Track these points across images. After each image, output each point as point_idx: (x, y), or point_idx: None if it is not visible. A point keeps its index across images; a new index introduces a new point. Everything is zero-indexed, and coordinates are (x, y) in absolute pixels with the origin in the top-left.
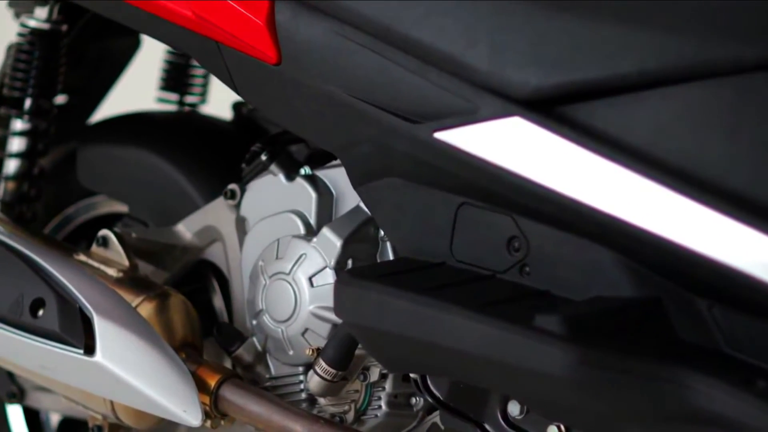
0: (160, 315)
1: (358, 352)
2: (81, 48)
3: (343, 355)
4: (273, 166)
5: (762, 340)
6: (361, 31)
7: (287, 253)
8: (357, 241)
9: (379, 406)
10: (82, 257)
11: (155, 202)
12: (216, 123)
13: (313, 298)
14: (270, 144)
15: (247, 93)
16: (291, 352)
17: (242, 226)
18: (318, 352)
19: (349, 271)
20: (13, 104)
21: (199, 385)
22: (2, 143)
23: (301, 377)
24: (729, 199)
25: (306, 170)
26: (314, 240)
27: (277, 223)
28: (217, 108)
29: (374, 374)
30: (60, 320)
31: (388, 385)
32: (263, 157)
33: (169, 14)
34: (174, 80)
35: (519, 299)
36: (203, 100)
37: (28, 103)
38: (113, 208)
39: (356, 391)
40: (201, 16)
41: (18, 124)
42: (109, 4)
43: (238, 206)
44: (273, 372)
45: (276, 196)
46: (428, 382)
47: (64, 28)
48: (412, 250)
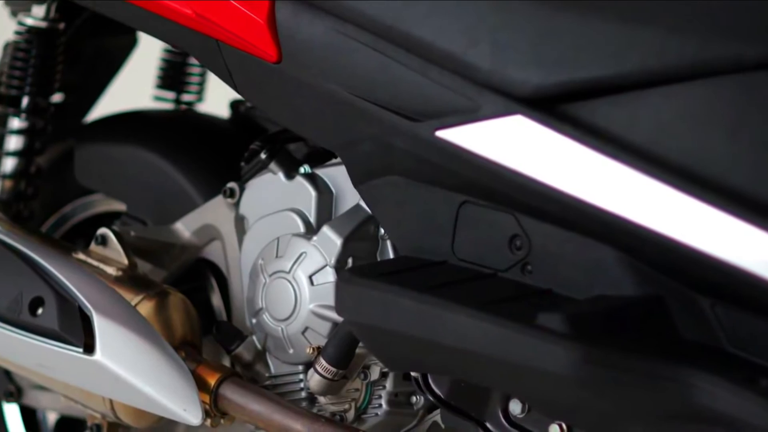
0: (160, 314)
1: (358, 350)
2: (77, 46)
3: (343, 354)
4: (272, 165)
5: (765, 339)
6: (362, 29)
7: (287, 251)
8: (357, 240)
9: (380, 405)
10: (80, 256)
11: (153, 200)
12: (213, 121)
13: (314, 296)
14: (269, 142)
15: (247, 91)
16: (291, 351)
17: (241, 224)
18: (318, 350)
19: (351, 270)
20: (10, 102)
21: (199, 384)
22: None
23: (301, 376)
24: (731, 197)
25: (306, 169)
26: (314, 238)
27: (276, 221)
28: (214, 106)
29: (375, 373)
30: (59, 319)
31: (388, 384)
32: (263, 155)
33: (169, 12)
34: (171, 78)
35: (521, 298)
36: (200, 99)
37: (25, 101)
38: (110, 206)
39: (357, 389)
40: (201, 15)
41: (15, 123)
42: (109, 2)
43: (237, 205)
44: (272, 370)
45: (275, 194)
46: (429, 380)
47: (62, 26)
48: (413, 248)
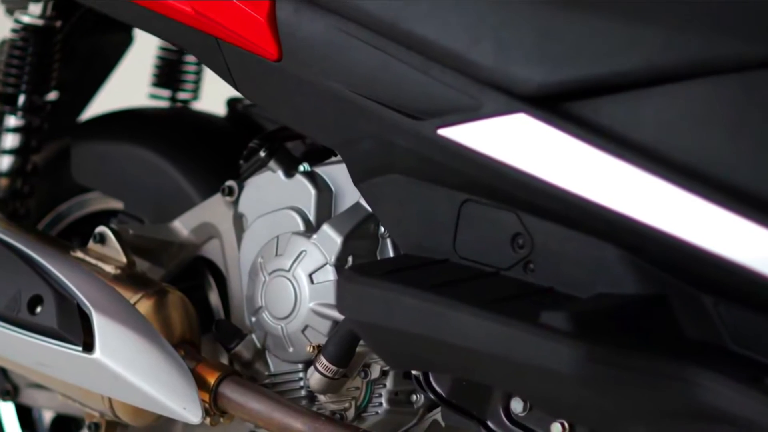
0: (159, 312)
1: (359, 349)
2: (72, 44)
3: (344, 352)
4: (272, 163)
5: None
6: (364, 27)
7: (287, 249)
8: (357, 238)
9: (380, 404)
10: (79, 254)
11: (150, 198)
12: (210, 119)
13: (314, 294)
14: (268, 140)
15: (247, 89)
16: (291, 349)
17: (240, 222)
18: (319, 349)
19: (353, 268)
20: (6, 100)
21: (199, 383)
22: None
23: (301, 374)
24: (734, 196)
25: (305, 167)
26: (314, 237)
27: (276, 219)
28: (210, 105)
29: (375, 371)
30: (58, 317)
31: (388, 383)
32: (262, 153)
33: (169, 10)
34: (166, 77)
35: (524, 296)
36: (196, 97)
37: (21, 99)
38: (105, 205)
39: (357, 388)
40: (201, 13)
41: (11, 121)
42: (108, 1)
43: (236, 203)
44: (272, 369)
45: (275, 192)
46: (430, 379)
47: (58, 24)
48: (415, 246)
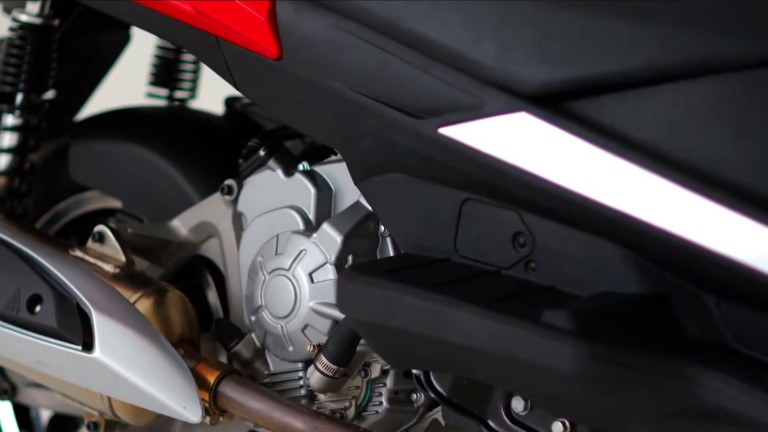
0: (158, 311)
1: (359, 348)
2: (70, 42)
3: (344, 351)
4: (271, 162)
5: None
6: (364, 26)
7: (287, 248)
8: (357, 237)
9: (380, 403)
10: (77, 253)
11: (149, 197)
12: (208, 118)
13: (314, 293)
14: (268, 139)
15: (247, 88)
16: (290, 348)
17: (239, 221)
18: (319, 348)
19: (353, 267)
20: (4, 99)
21: (199, 382)
22: None
23: (300, 373)
24: (736, 195)
25: (304, 166)
26: (314, 235)
27: (275, 218)
28: (207, 103)
29: (375, 370)
30: (58, 316)
31: (389, 382)
32: (261, 152)
33: (168, 9)
34: (164, 75)
35: (525, 295)
36: (193, 96)
37: (19, 98)
38: (103, 204)
39: (357, 387)
40: (201, 11)
41: (9, 120)
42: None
43: (235, 202)
44: (272, 368)
45: (274, 191)
46: (431, 378)
47: (56, 22)
48: (415, 245)
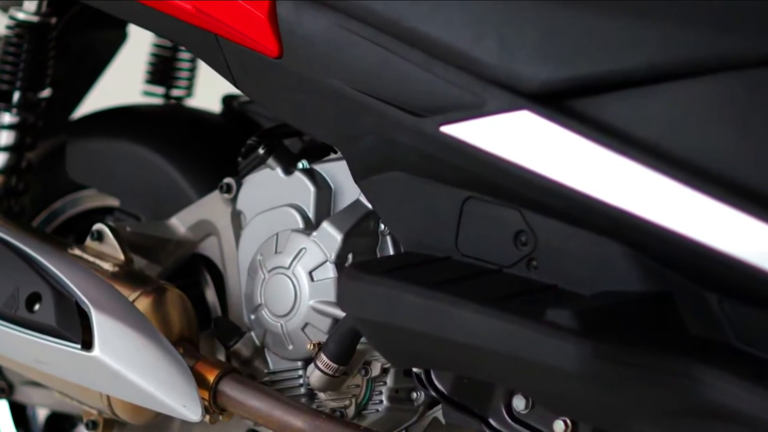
0: (158, 310)
1: (359, 346)
2: (66, 41)
3: (344, 350)
4: (270, 160)
5: None
6: (366, 24)
7: (287, 247)
8: (357, 235)
9: (381, 401)
10: (76, 251)
11: (146, 195)
12: (206, 116)
13: (314, 292)
14: (267, 138)
15: (247, 86)
16: (290, 347)
17: (238, 220)
18: (319, 346)
19: (354, 265)
20: (1, 97)
21: (198, 380)
22: None
23: (300, 372)
24: (739, 193)
25: (304, 164)
26: (314, 234)
27: (275, 217)
28: (204, 102)
29: (376, 369)
30: (57, 315)
31: (389, 380)
32: (260, 150)
33: (167, 7)
34: (160, 73)
35: (527, 293)
36: (189, 94)
37: (16, 96)
38: (100, 202)
39: (357, 385)
40: (201, 10)
41: (6, 118)
42: None
43: (234, 200)
44: (271, 366)
45: (274, 190)
46: (432, 376)
47: (53, 20)
48: (416, 244)
